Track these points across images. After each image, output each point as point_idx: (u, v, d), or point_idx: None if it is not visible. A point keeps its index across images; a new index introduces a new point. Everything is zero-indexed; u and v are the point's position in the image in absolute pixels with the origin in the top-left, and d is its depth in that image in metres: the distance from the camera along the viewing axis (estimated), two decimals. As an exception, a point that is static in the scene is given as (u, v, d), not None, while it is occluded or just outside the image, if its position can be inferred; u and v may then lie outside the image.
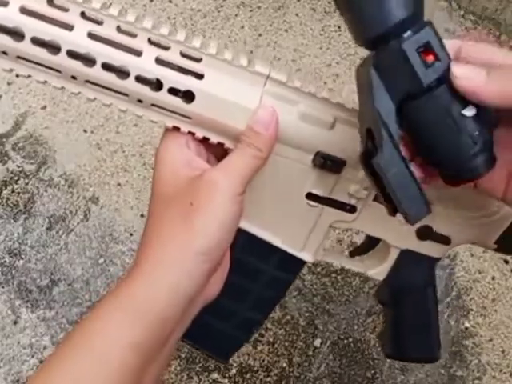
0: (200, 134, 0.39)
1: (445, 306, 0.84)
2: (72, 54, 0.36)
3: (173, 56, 0.37)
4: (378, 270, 0.49)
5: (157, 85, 0.37)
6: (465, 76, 0.31)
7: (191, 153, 0.39)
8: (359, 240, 0.83)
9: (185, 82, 0.37)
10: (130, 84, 0.37)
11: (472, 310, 0.84)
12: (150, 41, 0.37)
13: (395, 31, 0.31)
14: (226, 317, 0.44)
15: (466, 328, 0.83)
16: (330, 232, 0.45)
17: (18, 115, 0.87)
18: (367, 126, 0.33)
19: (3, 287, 0.79)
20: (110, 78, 0.36)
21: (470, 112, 0.31)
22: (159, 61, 0.37)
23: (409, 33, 0.31)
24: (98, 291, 0.80)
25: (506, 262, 0.88)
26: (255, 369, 0.79)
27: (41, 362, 0.78)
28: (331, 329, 0.82)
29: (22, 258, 0.81)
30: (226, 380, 0.78)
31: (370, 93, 0.32)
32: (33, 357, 0.77)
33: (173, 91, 0.37)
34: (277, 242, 0.44)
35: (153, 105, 0.38)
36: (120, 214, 0.84)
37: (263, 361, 0.79)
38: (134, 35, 0.37)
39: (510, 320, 0.84)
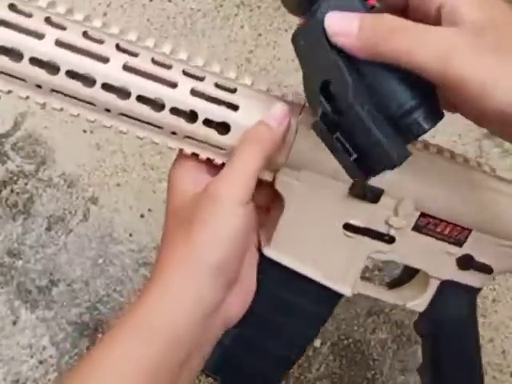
0: None
1: (445, 306, 0.84)
2: (107, 87, 0.35)
3: (208, 87, 0.37)
4: (417, 301, 0.48)
5: (191, 116, 0.37)
6: (336, 30, 0.29)
7: (202, 170, 0.38)
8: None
9: (220, 114, 0.37)
10: (164, 116, 0.36)
11: (472, 310, 0.84)
12: (184, 72, 0.36)
13: None
14: (260, 354, 0.43)
15: (467, 328, 0.83)
16: (366, 263, 0.44)
17: (18, 115, 0.87)
18: (322, 79, 0.31)
19: (2, 287, 0.79)
20: (145, 111, 0.36)
21: None
22: (194, 92, 0.36)
23: None
24: (97, 292, 0.80)
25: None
26: (255, 369, 0.79)
27: (40, 362, 0.77)
28: (331, 329, 0.81)
29: (21, 259, 0.80)
30: (226, 381, 0.78)
31: (322, 45, 0.30)
32: (32, 357, 0.77)
33: (208, 123, 0.37)
34: (315, 275, 0.43)
35: (187, 136, 0.37)
36: (119, 214, 0.83)
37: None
38: (168, 67, 0.36)
39: (510, 320, 0.84)
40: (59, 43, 0.35)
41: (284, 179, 0.40)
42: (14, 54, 0.35)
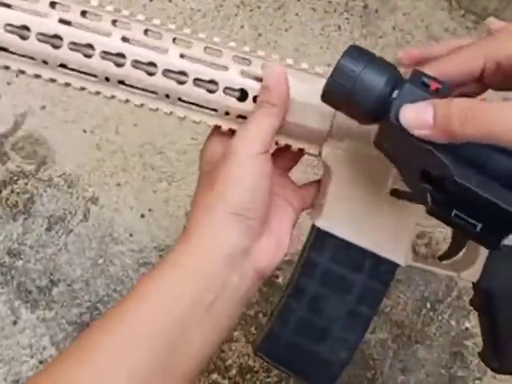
0: (283, 141, 0.42)
1: (445, 306, 0.84)
2: (167, 72, 0.40)
3: (254, 69, 0.41)
4: (470, 271, 0.47)
5: (241, 96, 0.41)
6: (413, 124, 0.31)
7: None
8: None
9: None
10: (218, 97, 0.40)
11: (473, 310, 0.84)
12: (234, 58, 0.41)
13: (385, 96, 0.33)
14: (321, 337, 0.44)
15: (467, 328, 0.83)
16: (416, 231, 0.44)
17: (18, 115, 0.87)
18: (419, 170, 0.32)
19: (2, 288, 0.79)
20: (201, 94, 0.40)
21: None
22: (244, 73, 0.40)
23: (395, 92, 0.33)
24: (97, 292, 0.80)
25: (507, 262, 0.87)
26: (255, 369, 0.79)
27: (40, 362, 0.77)
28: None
29: (21, 259, 0.80)
30: (226, 381, 0.78)
31: (407, 141, 0.32)
32: (32, 357, 0.77)
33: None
34: (367, 244, 0.43)
35: (239, 116, 0.41)
36: (120, 214, 0.83)
37: (263, 361, 0.79)
38: (220, 54, 0.41)
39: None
40: (125, 38, 0.39)
41: (329, 150, 0.42)
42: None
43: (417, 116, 0.30)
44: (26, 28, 0.38)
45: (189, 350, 0.36)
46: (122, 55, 0.39)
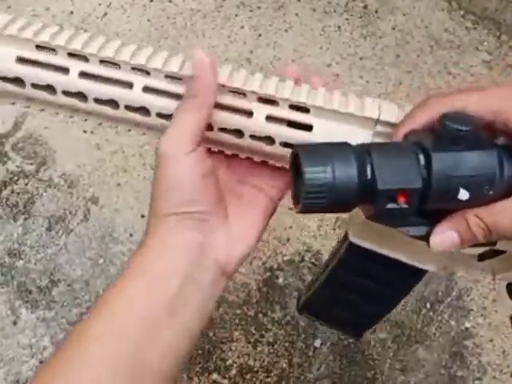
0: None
1: (445, 306, 0.84)
2: None
3: (282, 111, 0.38)
4: (507, 274, 0.49)
5: (270, 140, 0.39)
6: (441, 246, 0.37)
7: None
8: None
9: (295, 136, 0.38)
10: (245, 142, 0.39)
11: (472, 310, 0.84)
12: (260, 99, 0.38)
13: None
14: (362, 297, 0.48)
15: (467, 328, 0.83)
16: None
17: (18, 116, 0.87)
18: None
19: (3, 288, 0.79)
20: (228, 139, 0.39)
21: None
22: (269, 118, 0.38)
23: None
24: (97, 292, 0.80)
25: (507, 262, 0.88)
26: (255, 369, 0.79)
27: (41, 362, 0.77)
28: (331, 329, 0.81)
29: (21, 259, 0.80)
30: (226, 381, 0.78)
31: None
32: (32, 357, 0.77)
33: (285, 145, 0.39)
34: (401, 257, 0.45)
35: (267, 155, 0.40)
36: (120, 214, 0.83)
37: (263, 361, 0.79)
38: (243, 96, 0.38)
39: (510, 320, 0.84)
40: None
41: None
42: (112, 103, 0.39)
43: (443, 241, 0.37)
44: None
45: (159, 347, 0.36)
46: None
